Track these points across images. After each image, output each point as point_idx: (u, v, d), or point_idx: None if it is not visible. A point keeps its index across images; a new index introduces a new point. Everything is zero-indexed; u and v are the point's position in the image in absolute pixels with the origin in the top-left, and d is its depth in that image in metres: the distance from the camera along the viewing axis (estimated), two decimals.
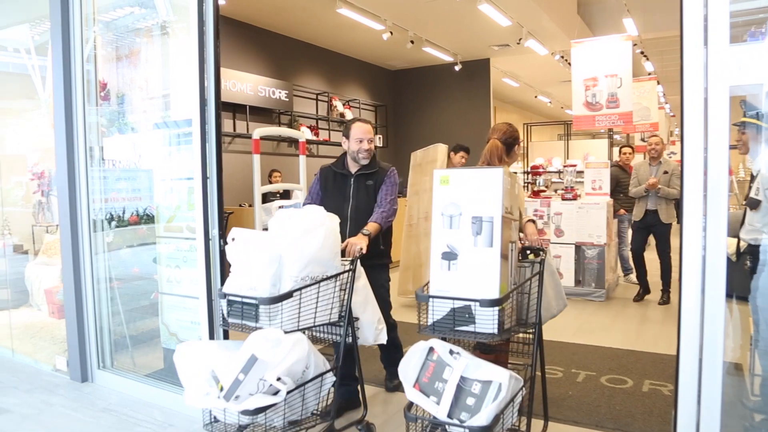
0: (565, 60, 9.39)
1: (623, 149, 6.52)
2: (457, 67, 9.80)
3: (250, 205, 6.69)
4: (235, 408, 2.07)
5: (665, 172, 5.24)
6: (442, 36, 8.73)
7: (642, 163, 5.52)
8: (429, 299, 2.05)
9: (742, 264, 2.57)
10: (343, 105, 9.40)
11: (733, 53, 1.84)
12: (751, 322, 2.55)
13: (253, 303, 2.25)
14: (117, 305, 3.52)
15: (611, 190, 5.96)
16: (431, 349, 2.01)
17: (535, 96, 14.20)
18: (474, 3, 6.69)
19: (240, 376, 2.09)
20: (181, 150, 3.14)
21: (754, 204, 2.58)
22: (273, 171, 7.05)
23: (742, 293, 2.50)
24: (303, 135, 6.09)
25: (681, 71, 1.93)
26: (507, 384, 1.88)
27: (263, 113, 7.86)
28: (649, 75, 10.02)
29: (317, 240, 2.36)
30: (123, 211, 3.49)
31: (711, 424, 1.89)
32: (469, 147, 5.70)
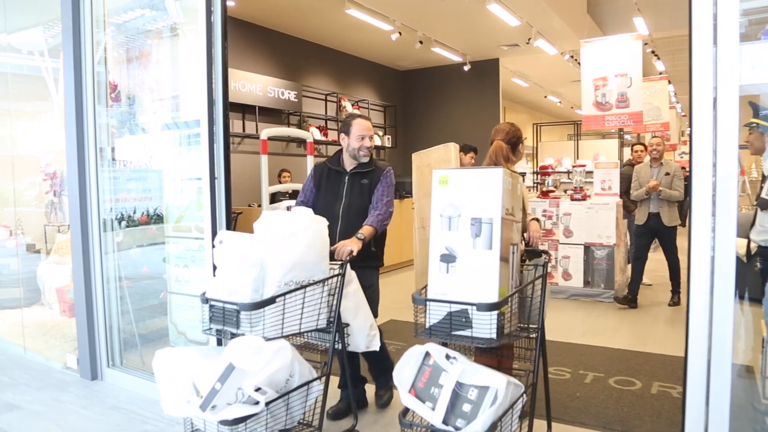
0: (575, 60, 9.32)
1: (635, 147, 6.45)
2: (466, 68, 9.76)
3: (259, 205, 6.72)
4: (212, 418, 2.00)
5: (666, 173, 5.15)
6: (450, 36, 8.71)
7: (643, 165, 5.43)
8: (425, 302, 2.00)
9: (753, 265, 2.53)
10: (352, 105, 9.41)
11: (746, 52, 1.81)
12: (764, 324, 2.51)
13: (234, 308, 2.18)
14: (126, 304, 3.56)
15: (624, 189, 5.84)
16: (427, 354, 1.96)
17: (545, 96, 14.13)
18: (483, 3, 6.66)
19: (217, 385, 2.01)
20: (191, 150, 3.16)
21: (765, 205, 2.55)
22: (282, 171, 7.08)
23: (755, 295, 2.46)
24: (310, 135, 6.10)
25: (690, 70, 1.91)
26: (504, 390, 1.83)
27: (272, 114, 7.89)
28: (660, 74, 9.94)
29: (302, 243, 2.28)
30: (133, 211, 3.52)
31: (720, 427, 1.87)
32: (478, 148, 5.68)
